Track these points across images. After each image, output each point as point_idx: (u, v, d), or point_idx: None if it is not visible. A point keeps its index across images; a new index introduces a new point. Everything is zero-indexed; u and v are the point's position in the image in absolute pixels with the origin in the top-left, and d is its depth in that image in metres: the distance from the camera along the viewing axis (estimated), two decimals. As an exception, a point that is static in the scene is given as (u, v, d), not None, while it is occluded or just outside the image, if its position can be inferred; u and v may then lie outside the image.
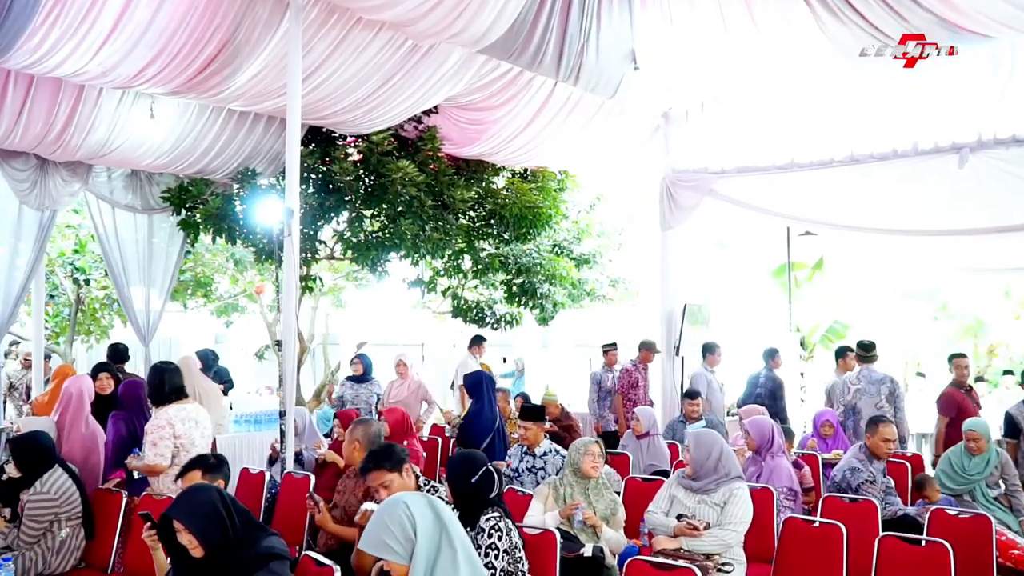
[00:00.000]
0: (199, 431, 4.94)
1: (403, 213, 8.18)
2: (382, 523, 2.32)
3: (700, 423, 7.66)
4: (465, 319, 9.82)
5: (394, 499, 2.38)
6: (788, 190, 8.50)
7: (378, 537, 2.31)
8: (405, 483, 3.78)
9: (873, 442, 5.29)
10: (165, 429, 4.82)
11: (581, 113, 8.39)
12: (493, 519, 3.41)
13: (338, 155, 7.94)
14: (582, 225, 11.00)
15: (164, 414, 4.88)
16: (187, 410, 4.96)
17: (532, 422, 5.41)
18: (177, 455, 4.81)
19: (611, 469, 6.30)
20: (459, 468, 3.61)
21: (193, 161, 7.86)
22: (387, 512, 2.34)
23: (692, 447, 4.42)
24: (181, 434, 4.85)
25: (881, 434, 5.21)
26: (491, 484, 3.56)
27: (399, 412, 6.39)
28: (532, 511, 4.55)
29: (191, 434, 4.90)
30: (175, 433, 4.83)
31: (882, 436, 5.21)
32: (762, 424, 5.43)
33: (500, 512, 3.47)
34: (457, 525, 2.40)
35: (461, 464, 3.63)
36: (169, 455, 4.79)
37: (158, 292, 8.91)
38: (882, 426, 5.25)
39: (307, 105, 6.82)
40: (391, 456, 3.81)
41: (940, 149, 7.59)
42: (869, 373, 7.40)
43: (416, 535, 2.30)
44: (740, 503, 4.22)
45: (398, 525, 2.30)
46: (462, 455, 3.76)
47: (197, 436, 4.92)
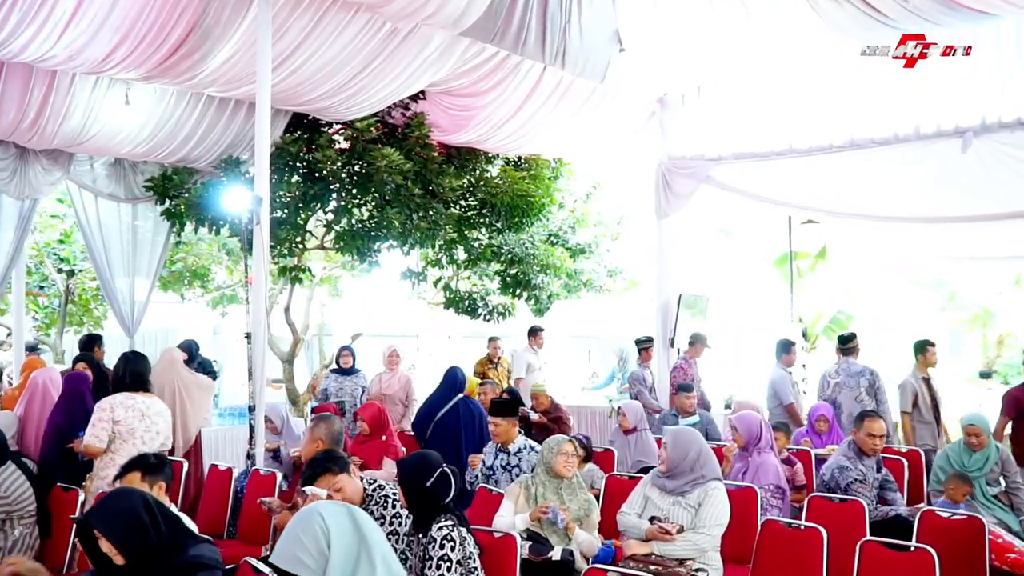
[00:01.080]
0: (144, 424, 4.79)
1: (390, 202, 8.00)
2: (295, 536, 2.14)
3: (694, 418, 7.46)
4: (457, 310, 9.63)
5: (308, 509, 2.19)
6: (786, 177, 8.25)
7: (290, 551, 2.12)
8: (355, 484, 3.61)
9: (860, 437, 5.10)
10: (105, 412, 4.73)
11: (572, 98, 8.16)
12: (446, 528, 3.22)
13: (322, 143, 7.74)
14: (578, 214, 10.77)
15: (109, 400, 4.79)
16: (136, 400, 4.83)
17: (502, 417, 5.20)
18: (114, 442, 4.71)
19: (594, 466, 6.12)
20: (412, 470, 3.42)
21: (174, 149, 7.70)
22: (301, 524, 2.15)
23: (669, 445, 4.21)
24: (120, 420, 4.74)
25: (867, 428, 5.02)
26: (447, 488, 3.37)
27: (375, 408, 6.23)
28: (503, 511, 4.36)
29: (132, 424, 4.76)
30: (114, 418, 4.73)
31: (868, 431, 5.02)
32: (750, 420, 5.23)
33: (454, 520, 3.28)
34: (379, 538, 2.21)
35: (415, 466, 3.44)
36: (104, 438, 4.70)
37: (144, 283, 8.77)
38: (868, 420, 5.05)
39: (285, 90, 6.66)
40: (336, 458, 3.64)
41: (943, 133, 7.31)
42: (848, 366, 7.18)
43: (330, 549, 2.11)
44: (715, 504, 4.01)
45: (311, 538, 2.12)
46: (417, 456, 3.56)
47: (140, 428, 4.77)
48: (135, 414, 4.78)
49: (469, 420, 5.97)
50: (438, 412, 6.26)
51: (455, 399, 6.31)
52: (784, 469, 5.83)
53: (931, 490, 5.80)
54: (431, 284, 10.12)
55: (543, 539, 4.16)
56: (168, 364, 7.25)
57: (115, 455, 4.66)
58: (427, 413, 6.37)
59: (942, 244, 9.97)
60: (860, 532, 4.34)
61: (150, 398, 4.94)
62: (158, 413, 4.91)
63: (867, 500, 4.82)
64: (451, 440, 5.82)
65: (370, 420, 6.09)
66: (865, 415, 5.16)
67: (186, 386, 7.10)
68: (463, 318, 10.11)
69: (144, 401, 4.87)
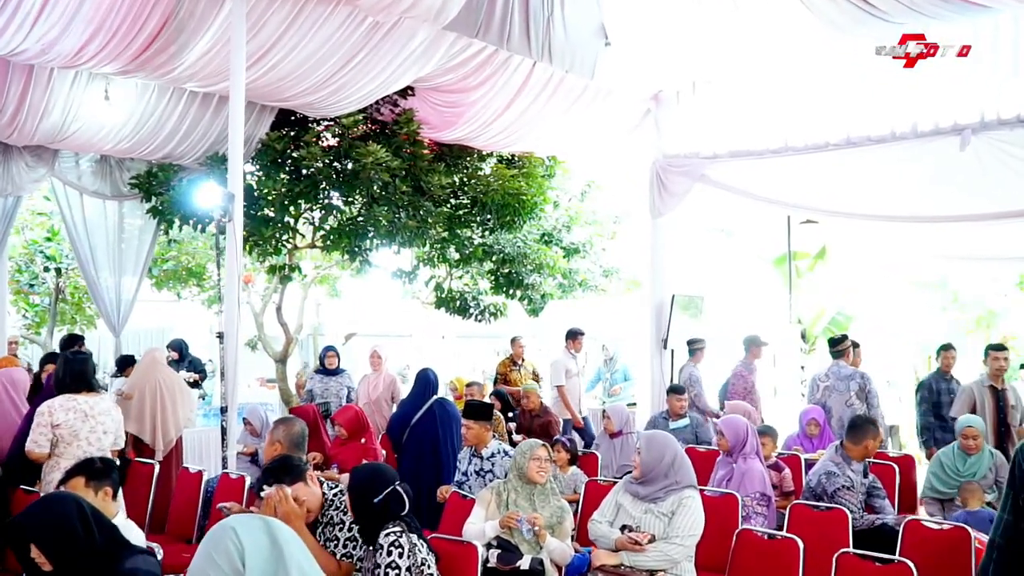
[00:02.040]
0: (89, 425, 4.67)
1: (377, 199, 7.88)
2: (207, 554, 2.00)
3: (684, 420, 7.32)
4: (448, 310, 9.50)
5: (221, 525, 2.05)
6: (782, 175, 8.11)
7: (202, 570, 1.99)
8: (312, 491, 3.48)
9: (854, 449, 4.93)
10: (43, 416, 4.61)
11: (564, 95, 8.01)
12: (393, 535, 3.09)
13: (309, 139, 7.62)
14: (572, 213, 10.63)
15: (48, 403, 4.67)
16: (78, 401, 4.71)
17: (475, 421, 5.05)
18: (57, 446, 4.60)
19: (578, 470, 5.99)
20: (361, 486, 3.24)
21: (158, 145, 7.60)
22: (212, 541, 2.02)
23: (643, 449, 4.06)
24: (61, 423, 4.61)
25: (867, 445, 4.86)
26: (399, 506, 3.22)
27: (352, 411, 6.13)
28: (473, 518, 4.23)
29: (75, 426, 4.64)
30: (53, 422, 4.60)
31: (866, 447, 4.87)
32: (736, 424, 5.08)
33: (402, 527, 3.14)
34: (298, 551, 2.07)
35: (364, 481, 3.26)
36: (44, 443, 4.59)
37: (130, 281, 8.67)
38: (871, 439, 4.89)
39: (267, 85, 6.55)
40: (290, 468, 3.50)
41: (941, 131, 7.16)
42: (838, 369, 7.04)
43: (245, 567, 1.98)
44: (689, 513, 3.85)
45: (224, 555, 1.98)
46: (368, 470, 3.39)
47: (85, 430, 4.65)
48: (77, 416, 4.65)
49: (447, 422, 5.79)
50: (412, 417, 6.01)
51: (429, 402, 6.05)
52: (771, 475, 5.69)
53: (924, 497, 5.64)
54: (424, 284, 10.01)
55: (513, 547, 4.03)
56: (150, 364, 7.15)
57: (60, 459, 4.56)
58: (401, 418, 6.12)
59: (940, 244, 9.80)
60: (843, 542, 4.19)
61: (94, 397, 4.81)
62: (104, 412, 4.78)
63: (854, 507, 4.68)
64: (427, 444, 5.67)
65: (347, 424, 5.98)
66: (868, 430, 4.96)
67: (169, 387, 6.99)
68: (458, 318, 9.99)
69: (87, 401, 4.74)
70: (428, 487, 5.53)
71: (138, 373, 7.23)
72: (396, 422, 5.92)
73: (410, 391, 6.22)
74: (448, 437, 5.70)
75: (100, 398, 4.85)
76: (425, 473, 5.63)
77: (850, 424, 5.26)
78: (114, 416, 4.86)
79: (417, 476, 5.61)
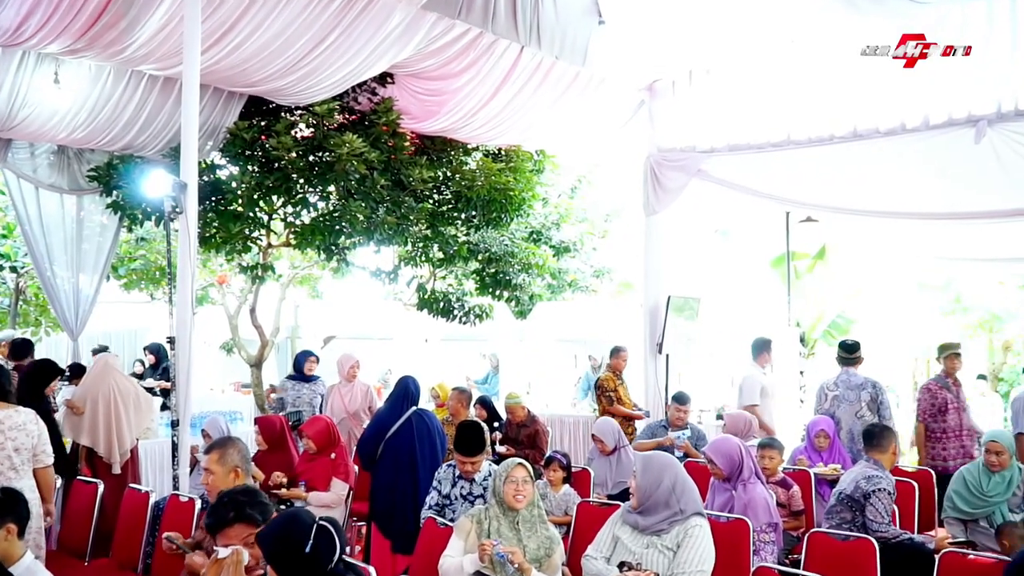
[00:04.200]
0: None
1: (353, 193, 7.37)
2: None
3: (685, 431, 6.84)
4: (431, 311, 8.99)
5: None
6: (784, 170, 7.63)
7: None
8: None
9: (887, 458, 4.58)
10: None
11: (553, 83, 7.53)
12: None
13: (280, 128, 7.10)
14: (562, 210, 10.13)
15: None
16: None
17: (477, 455, 4.49)
18: None
19: (571, 489, 5.49)
20: (283, 538, 2.64)
21: (116, 135, 7.07)
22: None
23: (639, 473, 3.56)
24: None
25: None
26: (331, 546, 2.65)
27: (322, 422, 5.60)
28: (450, 550, 3.71)
29: None
30: None
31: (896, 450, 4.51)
32: (727, 449, 4.49)
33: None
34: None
35: (285, 531, 2.66)
36: None
37: (89, 281, 8.12)
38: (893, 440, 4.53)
39: (229, 68, 6.06)
40: (260, 504, 2.99)
41: (954, 122, 6.72)
42: (848, 377, 6.56)
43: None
44: (697, 546, 3.35)
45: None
46: (281, 521, 2.75)
47: None
48: None
49: (425, 435, 5.21)
50: (388, 430, 5.29)
51: (407, 413, 5.34)
52: (778, 492, 5.21)
53: (945, 517, 5.16)
54: (406, 284, 9.50)
55: (494, 584, 3.52)
56: (102, 370, 6.61)
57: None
58: (376, 432, 5.35)
59: (949, 244, 9.41)
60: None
61: (5, 409, 4.28)
62: (17, 427, 4.25)
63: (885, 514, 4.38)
64: (404, 460, 5.09)
65: (316, 436, 5.46)
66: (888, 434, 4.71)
67: (123, 394, 6.47)
68: (442, 321, 9.47)
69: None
70: (404, 508, 5.02)
71: (88, 381, 6.70)
72: (369, 435, 5.33)
73: (386, 400, 5.62)
74: (426, 454, 5.15)
75: (15, 411, 4.31)
76: (401, 492, 5.09)
77: (868, 434, 4.89)
78: (31, 430, 4.31)
79: (391, 495, 5.10)
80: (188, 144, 4.95)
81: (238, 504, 3.02)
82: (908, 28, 6.39)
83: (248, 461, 3.69)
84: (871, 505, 4.42)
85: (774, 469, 5.32)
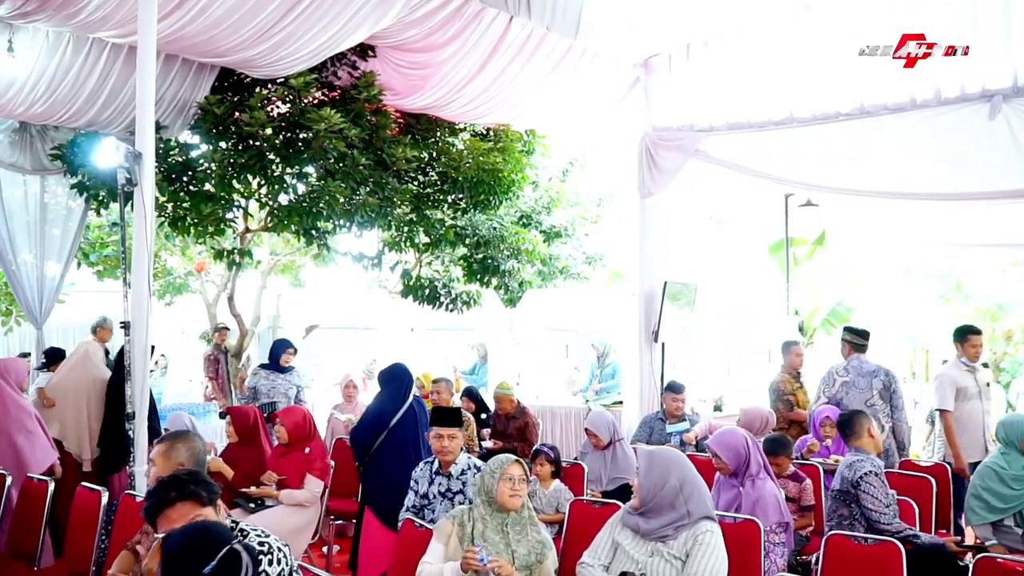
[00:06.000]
0: None
1: (332, 173, 6.96)
2: None
3: (683, 424, 6.48)
4: (416, 298, 8.60)
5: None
6: (786, 150, 7.27)
7: None
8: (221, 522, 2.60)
9: (865, 442, 4.37)
10: None
11: (544, 58, 7.11)
12: None
13: (253, 103, 6.68)
14: (553, 194, 9.73)
15: None
16: None
17: (456, 427, 4.11)
18: None
19: (561, 485, 5.12)
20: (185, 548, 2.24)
21: (79, 110, 6.63)
22: None
23: (642, 470, 3.18)
24: None
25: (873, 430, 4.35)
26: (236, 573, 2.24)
27: (300, 413, 5.22)
28: (429, 556, 3.33)
29: None
30: None
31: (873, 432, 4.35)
32: (733, 440, 4.15)
33: None
34: None
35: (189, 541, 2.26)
36: None
37: (55, 267, 7.69)
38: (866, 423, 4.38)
39: (195, 36, 5.63)
40: (204, 483, 2.63)
41: (967, 97, 6.37)
42: (860, 364, 6.18)
43: None
44: (708, 553, 2.97)
45: None
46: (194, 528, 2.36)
47: None
48: None
49: (425, 424, 4.74)
50: (390, 420, 4.89)
51: (408, 402, 4.96)
52: (789, 487, 4.86)
53: (975, 523, 4.72)
54: (390, 270, 9.09)
55: (479, 596, 3.15)
56: (81, 360, 6.24)
57: None
58: (376, 422, 4.94)
59: (954, 229, 9.05)
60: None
61: None
62: None
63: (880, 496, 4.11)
64: (411, 450, 4.64)
65: (292, 428, 5.07)
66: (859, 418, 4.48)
67: (98, 387, 6.10)
68: (428, 308, 9.08)
69: None
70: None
71: (64, 370, 6.34)
72: (368, 425, 4.87)
73: (382, 389, 5.13)
74: (421, 444, 4.76)
75: None
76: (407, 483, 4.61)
77: (840, 423, 4.68)
78: None
79: (396, 487, 4.56)
80: (144, 111, 4.54)
81: (179, 482, 2.68)
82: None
83: (199, 463, 3.30)
84: (864, 493, 4.12)
85: (785, 465, 4.96)
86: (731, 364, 9.64)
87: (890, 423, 5.99)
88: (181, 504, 2.63)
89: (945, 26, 6.39)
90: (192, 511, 2.63)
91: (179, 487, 2.67)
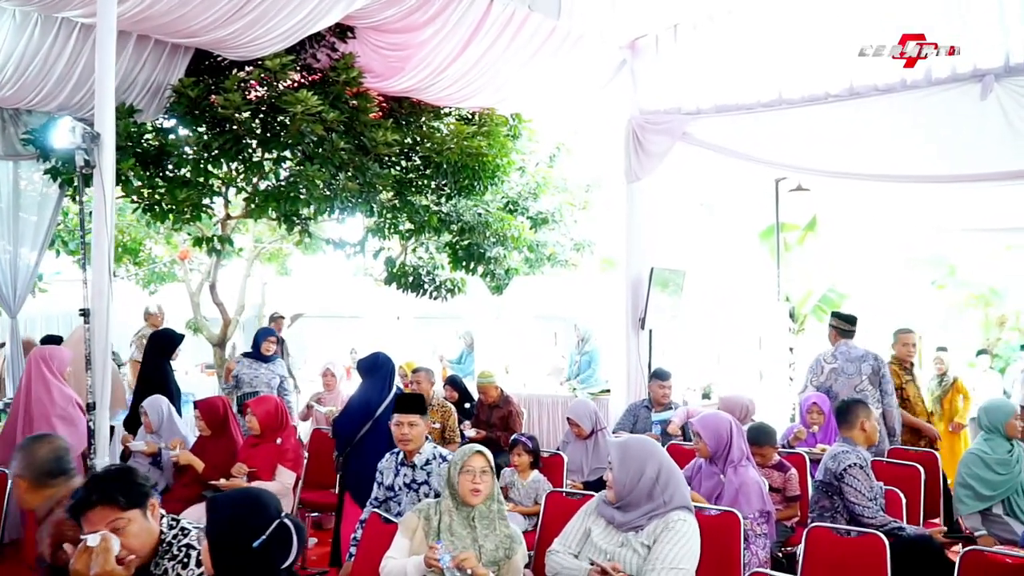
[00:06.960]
0: None
1: (311, 157, 6.80)
2: None
3: (669, 412, 6.36)
4: (399, 286, 8.45)
5: None
6: (775, 132, 7.15)
7: None
8: (147, 526, 2.47)
9: (857, 435, 4.15)
10: None
11: (527, 39, 6.96)
12: None
13: (228, 85, 6.51)
14: (539, 179, 9.57)
15: None
16: None
17: (418, 415, 3.97)
18: None
19: (540, 476, 5.00)
20: (232, 523, 2.17)
21: (49, 93, 6.44)
22: None
23: (616, 463, 3.05)
24: None
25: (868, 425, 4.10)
26: (285, 550, 2.17)
27: (272, 403, 5.08)
28: (393, 550, 3.20)
29: None
30: None
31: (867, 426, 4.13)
32: (716, 424, 4.05)
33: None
34: None
35: (236, 515, 2.18)
36: None
37: (29, 255, 7.53)
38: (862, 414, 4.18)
39: (163, 15, 5.44)
40: (131, 487, 2.49)
41: (959, 77, 6.25)
42: (848, 349, 6.06)
43: None
44: (676, 540, 2.84)
45: None
46: (240, 499, 2.27)
47: None
48: None
49: None
50: (376, 409, 4.80)
51: (393, 392, 4.87)
52: (773, 477, 4.74)
53: (964, 513, 4.61)
54: (373, 257, 8.94)
55: (445, 592, 3.02)
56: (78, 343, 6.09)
57: None
58: (363, 411, 4.86)
59: (946, 213, 8.96)
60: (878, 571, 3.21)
61: None
62: None
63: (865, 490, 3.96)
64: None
65: (263, 417, 4.93)
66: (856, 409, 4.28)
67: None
68: (412, 296, 8.93)
69: None
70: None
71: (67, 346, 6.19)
72: (353, 414, 4.73)
73: (365, 378, 5.03)
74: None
75: None
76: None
77: (838, 409, 4.50)
78: None
79: None
80: (104, 90, 4.40)
81: (100, 483, 2.55)
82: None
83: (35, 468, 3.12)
84: (847, 486, 4.00)
85: (768, 456, 4.83)
86: (720, 351, 9.52)
87: (880, 409, 5.88)
88: (101, 508, 2.50)
89: (936, 5, 6.26)
90: (112, 515, 2.50)
91: (100, 489, 2.53)
